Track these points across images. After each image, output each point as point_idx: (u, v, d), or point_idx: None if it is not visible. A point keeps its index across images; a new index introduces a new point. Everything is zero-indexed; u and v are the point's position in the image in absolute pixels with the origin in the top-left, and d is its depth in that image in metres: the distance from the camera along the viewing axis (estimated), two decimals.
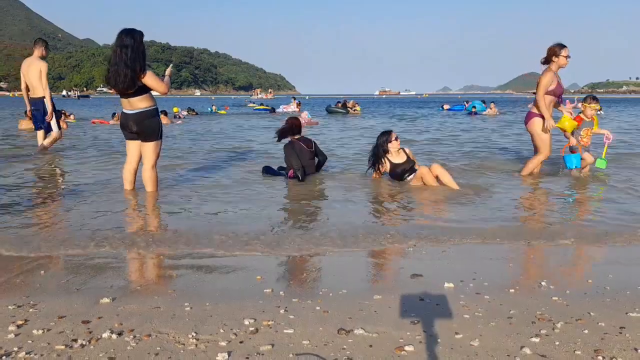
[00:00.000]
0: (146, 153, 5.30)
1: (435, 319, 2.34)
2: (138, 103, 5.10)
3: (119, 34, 4.93)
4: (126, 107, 5.16)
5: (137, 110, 5.11)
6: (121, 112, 5.26)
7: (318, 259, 3.38)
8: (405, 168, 6.03)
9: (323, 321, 2.32)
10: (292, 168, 6.26)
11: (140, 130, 5.17)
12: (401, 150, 6.20)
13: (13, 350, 2.01)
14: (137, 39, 4.91)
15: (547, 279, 2.91)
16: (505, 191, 5.52)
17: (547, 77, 6.11)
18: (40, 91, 8.09)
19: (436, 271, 3.06)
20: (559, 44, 6.14)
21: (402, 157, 6.11)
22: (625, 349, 2.05)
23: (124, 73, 4.87)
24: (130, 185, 5.45)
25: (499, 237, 3.81)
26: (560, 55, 6.10)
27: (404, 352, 2.03)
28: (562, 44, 6.15)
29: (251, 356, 1.99)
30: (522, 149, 9.71)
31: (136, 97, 5.06)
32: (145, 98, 5.12)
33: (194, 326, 2.25)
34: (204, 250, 3.47)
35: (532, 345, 2.08)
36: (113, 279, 2.93)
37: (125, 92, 5.02)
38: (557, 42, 6.18)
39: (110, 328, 2.21)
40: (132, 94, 5.02)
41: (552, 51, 6.15)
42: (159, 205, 4.89)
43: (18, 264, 3.15)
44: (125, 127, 5.23)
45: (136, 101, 5.08)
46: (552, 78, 6.12)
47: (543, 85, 6.14)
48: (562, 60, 6.12)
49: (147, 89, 5.10)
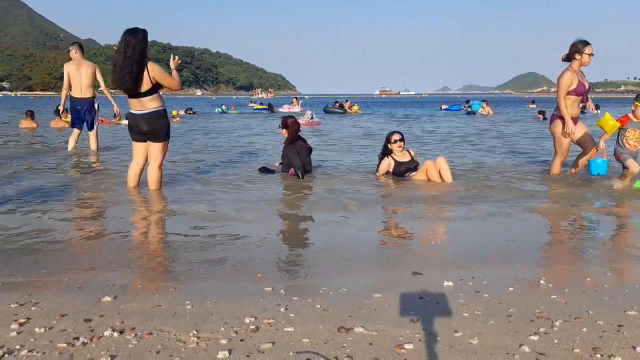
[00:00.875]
0: (154, 153, 5.34)
1: (435, 317, 2.35)
2: (149, 103, 5.12)
3: (124, 34, 4.93)
4: (136, 107, 5.16)
5: (148, 110, 5.13)
6: (128, 113, 5.27)
7: (318, 257, 3.40)
8: (408, 167, 6.21)
9: (323, 319, 2.33)
10: (292, 166, 6.28)
11: (151, 130, 5.19)
12: (406, 151, 6.36)
13: (15, 348, 2.02)
14: (139, 37, 4.93)
15: (546, 277, 2.92)
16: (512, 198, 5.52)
17: (566, 77, 5.83)
18: (90, 92, 8.53)
19: (435, 270, 3.07)
20: (583, 41, 5.84)
21: (406, 157, 6.30)
22: (624, 346, 2.07)
23: (128, 72, 4.89)
24: (133, 184, 5.50)
25: (498, 232, 3.83)
26: (584, 53, 5.78)
27: (403, 350, 2.04)
28: (586, 41, 5.85)
29: (252, 354, 2.00)
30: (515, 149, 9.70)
31: (147, 96, 5.08)
32: (156, 98, 5.15)
33: (195, 324, 2.26)
34: (204, 248, 3.49)
35: (531, 343, 2.10)
36: (114, 277, 2.95)
37: (135, 92, 5.03)
38: (580, 39, 5.88)
39: (111, 326, 2.22)
40: (142, 93, 5.04)
41: (575, 48, 5.84)
42: (163, 204, 4.91)
43: (19, 263, 3.17)
44: (135, 128, 5.23)
45: (147, 101, 5.10)
46: (572, 77, 5.82)
47: (563, 86, 5.85)
48: (585, 58, 5.81)
49: (157, 88, 5.13)
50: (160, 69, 5.12)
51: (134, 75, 4.91)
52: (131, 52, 4.86)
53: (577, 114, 6.05)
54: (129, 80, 4.92)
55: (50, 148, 9.69)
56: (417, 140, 11.62)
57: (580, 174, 6.28)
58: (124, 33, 4.93)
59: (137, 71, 4.91)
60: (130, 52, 4.86)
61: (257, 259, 3.30)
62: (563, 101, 5.87)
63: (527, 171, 6.88)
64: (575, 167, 6.31)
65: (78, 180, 6.25)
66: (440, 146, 10.44)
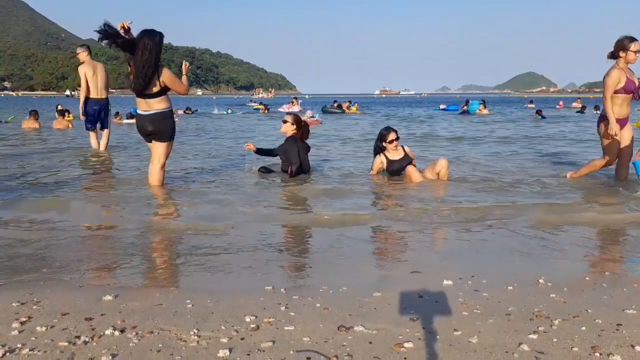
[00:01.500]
0: (157, 152, 5.43)
1: (434, 316, 2.36)
2: (156, 104, 5.19)
3: (141, 35, 4.99)
4: (143, 107, 5.24)
5: (154, 111, 5.20)
6: (131, 113, 5.31)
7: (318, 256, 3.41)
8: (402, 165, 6.13)
9: (323, 318, 2.34)
10: (291, 164, 6.23)
11: (156, 130, 5.27)
12: (400, 147, 6.27)
13: (17, 346, 2.03)
14: (156, 40, 4.99)
15: (545, 276, 2.93)
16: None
17: (613, 76, 5.50)
18: (105, 92, 8.79)
19: (435, 269, 3.08)
20: (628, 37, 5.55)
21: (399, 154, 6.22)
22: (622, 345, 2.08)
23: (142, 75, 4.96)
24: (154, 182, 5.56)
25: (497, 233, 3.84)
26: (629, 50, 5.50)
27: (403, 348, 2.05)
28: (632, 37, 5.48)
29: (252, 353, 2.01)
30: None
31: (155, 98, 5.16)
32: (163, 99, 5.23)
33: (196, 323, 2.27)
34: (203, 248, 3.50)
35: (530, 341, 2.11)
36: (115, 276, 2.96)
37: (144, 93, 5.11)
38: (626, 35, 5.60)
39: (112, 325, 2.23)
40: (151, 95, 5.13)
41: (620, 45, 5.53)
42: (164, 204, 4.93)
43: (21, 262, 3.19)
44: (141, 129, 5.33)
45: (154, 102, 5.18)
46: (620, 75, 5.53)
47: (609, 85, 5.52)
48: (631, 55, 5.49)
49: (165, 91, 5.20)
50: (172, 75, 5.19)
51: (147, 79, 4.99)
52: (147, 55, 4.93)
53: (626, 115, 5.74)
54: (141, 82, 5.00)
55: (57, 147, 9.72)
56: (418, 141, 11.62)
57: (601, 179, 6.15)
58: (142, 34, 4.99)
59: (150, 74, 4.99)
60: (147, 55, 4.93)
61: (257, 258, 3.32)
62: (609, 101, 5.57)
63: (529, 170, 6.88)
64: (578, 172, 6.11)
65: (82, 178, 6.27)
66: (445, 147, 10.45)
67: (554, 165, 7.33)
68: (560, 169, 6.77)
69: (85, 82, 8.52)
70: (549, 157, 8.41)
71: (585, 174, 6.06)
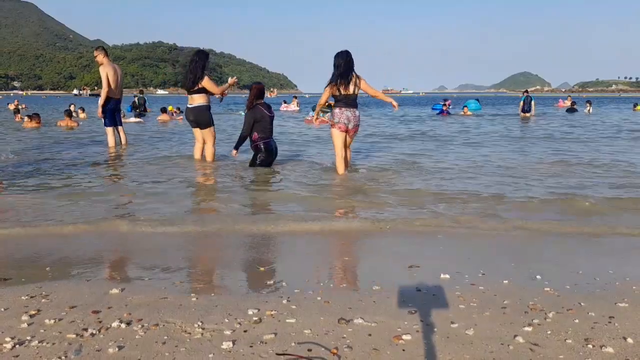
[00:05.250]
0: (205, 136, 7.38)
1: (432, 309, 2.41)
2: (197, 99, 7.13)
3: (195, 52, 7.32)
4: (189, 101, 7.19)
5: (195, 105, 7.15)
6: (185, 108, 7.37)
7: (319, 251, 3.46)
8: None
9: (324, 311, 2.39)
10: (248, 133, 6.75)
11: (196, 119, 7.22)
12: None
13: (26, 339, 2.07)
14: (202, 56, 7.14)
15: (540, 270, 2.98)
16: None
17: None
18: (121, 92, 9.29)
19: (433, 263, 3.13)
20: None
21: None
22: (615, 337, 2.12)
23: (189, 78, 7.04)
24: (197, 157, 7.56)
25: (494, 228, 3.88)
26: None
27: (401, 340, 2.09)
28: None
29: (255, 345, 2.06)
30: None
31: (197, 95, 7.10)
32: (202, 96, 7.13)
33: (200, 316, 2.32)
34: (207, 242, 3.56)
35: (525, 334, 2.15)
36: (122, 270, 3.03)
37: (190, 91, 7.08)
38: None
39: (119, 318, 2.28)
40: (194, 91, 7.07)
41: None
42: (168, 201, 5.00)
43: (30, 254, 3.25)
44: (188, 117, 7.32)
45: (196, 97, 7.13)
46: None
47: None
48: None
49: (205, 90, 7.09)
50: (210, 82, 7.13)
51: (190, 82, 7.03)
52: (193, 66, 7.01)
53: None
54: (188, 83, 7.04)
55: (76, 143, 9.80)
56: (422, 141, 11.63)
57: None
58: (196, 51, 7.33)
59: (193, 79, 7.00)
60: (193, 66, 7.02)
61: (259, 252, 3.37)
62: None
63: (520, 165, 6.91)
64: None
65: (89, 173, 6.33)
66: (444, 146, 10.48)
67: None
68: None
69: (107, 82, 8.74)
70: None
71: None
